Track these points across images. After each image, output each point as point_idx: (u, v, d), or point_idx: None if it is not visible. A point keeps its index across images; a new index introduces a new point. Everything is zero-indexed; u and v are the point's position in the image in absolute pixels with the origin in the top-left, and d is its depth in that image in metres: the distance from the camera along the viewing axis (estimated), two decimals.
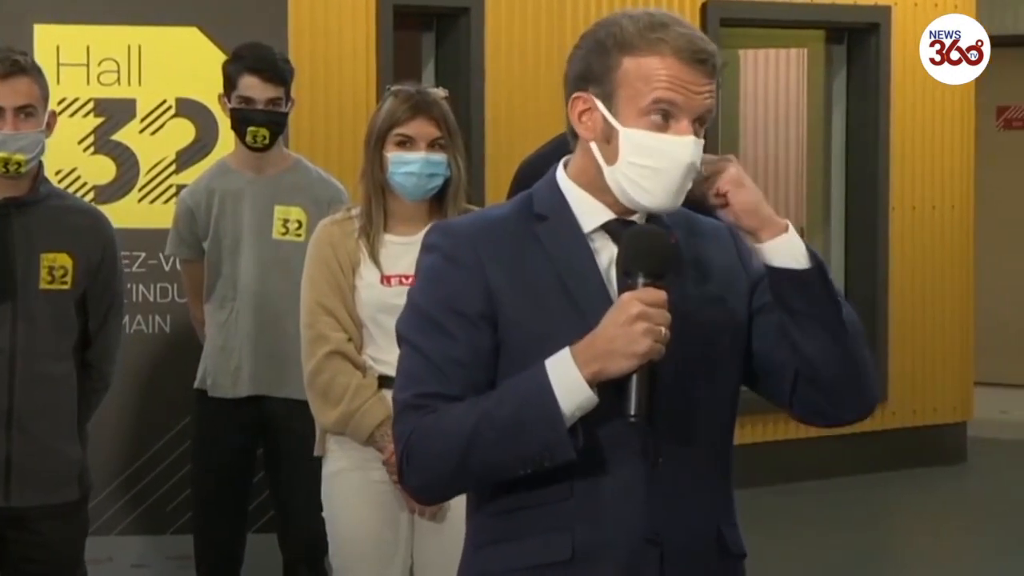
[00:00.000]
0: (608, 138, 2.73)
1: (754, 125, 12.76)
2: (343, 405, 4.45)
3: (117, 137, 5.97)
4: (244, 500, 5.60)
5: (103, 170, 5.96)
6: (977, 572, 7.88)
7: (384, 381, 4.46)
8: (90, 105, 5.95)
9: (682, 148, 2.69)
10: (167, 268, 5.90)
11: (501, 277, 2.73)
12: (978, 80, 10.29)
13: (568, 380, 2.63)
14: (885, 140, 9.76)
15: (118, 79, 5.94)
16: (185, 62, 5.94)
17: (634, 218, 2.77)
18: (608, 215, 2.77)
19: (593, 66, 2.73)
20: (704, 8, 9.03)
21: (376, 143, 4.45)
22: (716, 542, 2.81)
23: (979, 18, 10.16)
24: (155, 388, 5.89)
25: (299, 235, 5.38)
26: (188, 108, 5.95)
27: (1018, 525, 8.80)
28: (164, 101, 5.97)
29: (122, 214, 5.76)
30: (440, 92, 4.55)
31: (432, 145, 4.44)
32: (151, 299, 5.95)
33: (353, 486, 4.51)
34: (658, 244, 2.70)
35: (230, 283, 5.48)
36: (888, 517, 8.88)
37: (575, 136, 2.79)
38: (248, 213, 5.46)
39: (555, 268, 2.74)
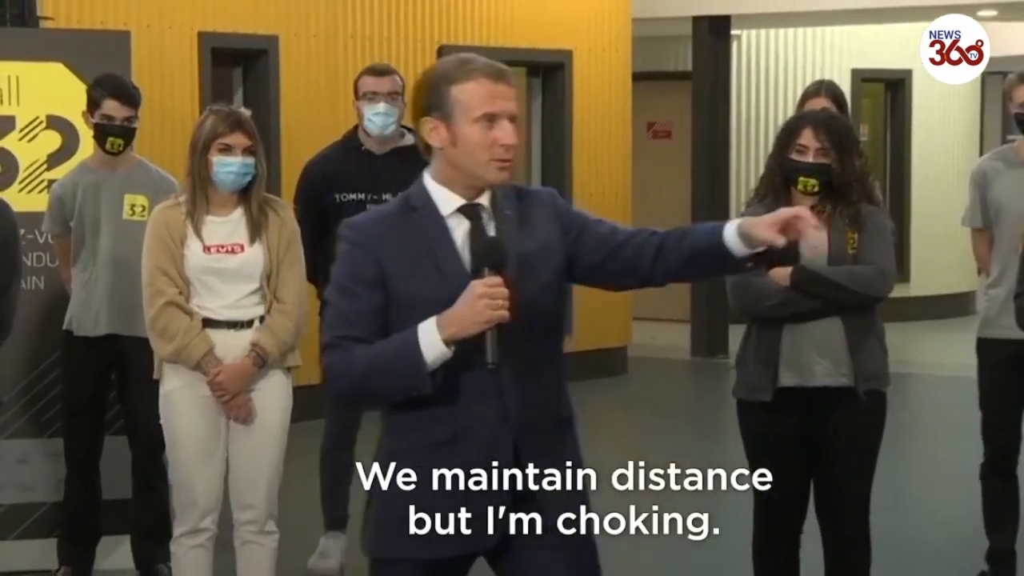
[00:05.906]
0: (455, 143, 2.85)
1: None
2: (176, 341, 4.44)
3: (2, 144, 5.82)
4: (102, 411, 5.53)
5: None
6: (637, 450, 8.16)
7: (207, 323, 4.46)
8: None
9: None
10: (41, 241, 5.79)
11: (389, 253, 2.87)
12: (633, 102, 10.55)
13: (431, 340, 2.80)
14: (570, 146, 10.00)
15: (2, 101, 5.80)
16: (54, 88, 5.82)
17: (480, 200, 2.89)
18: (459, 202, 2.90)
19: (433, 98, 2.87)
20: (440, 52, 9.09)
21: (203, 149, 4.43)
22: (551, 416, 2.99)
23: (633, 58, 10.41)
24: (35, 330, 5.78)
25: (143, 216, 5.32)
26: (56, 123, 5.83)
27: (665, 418, 9.13)
28: (37, 117, 5.83)
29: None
30: (247, 111, 4.56)
31: (246, 151, 4.44)
32: (30, 264, 5.81)
33: (185, 400, 4.49)
34: (493, 246, 2.84)
35: (91, 252, 5.42)
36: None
37: (428, 149, 2.90)
38: (105, 200, 5.41)
39: (425, 244, 2.88)
